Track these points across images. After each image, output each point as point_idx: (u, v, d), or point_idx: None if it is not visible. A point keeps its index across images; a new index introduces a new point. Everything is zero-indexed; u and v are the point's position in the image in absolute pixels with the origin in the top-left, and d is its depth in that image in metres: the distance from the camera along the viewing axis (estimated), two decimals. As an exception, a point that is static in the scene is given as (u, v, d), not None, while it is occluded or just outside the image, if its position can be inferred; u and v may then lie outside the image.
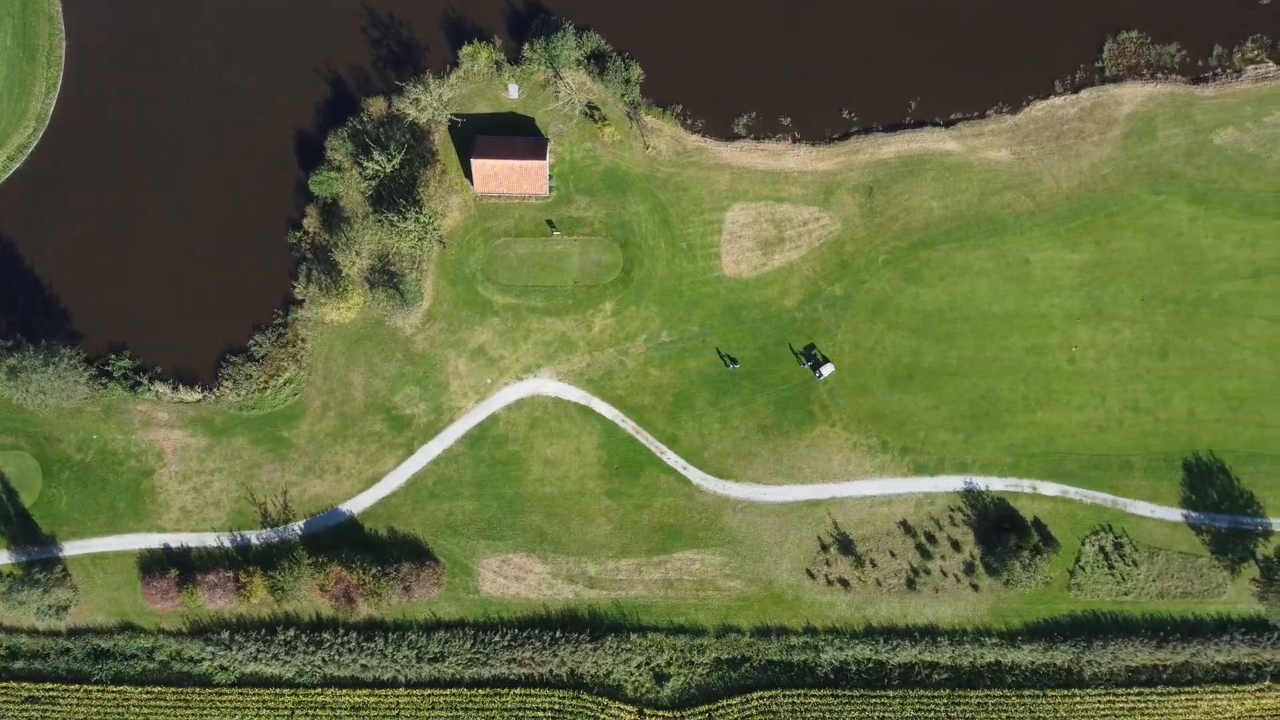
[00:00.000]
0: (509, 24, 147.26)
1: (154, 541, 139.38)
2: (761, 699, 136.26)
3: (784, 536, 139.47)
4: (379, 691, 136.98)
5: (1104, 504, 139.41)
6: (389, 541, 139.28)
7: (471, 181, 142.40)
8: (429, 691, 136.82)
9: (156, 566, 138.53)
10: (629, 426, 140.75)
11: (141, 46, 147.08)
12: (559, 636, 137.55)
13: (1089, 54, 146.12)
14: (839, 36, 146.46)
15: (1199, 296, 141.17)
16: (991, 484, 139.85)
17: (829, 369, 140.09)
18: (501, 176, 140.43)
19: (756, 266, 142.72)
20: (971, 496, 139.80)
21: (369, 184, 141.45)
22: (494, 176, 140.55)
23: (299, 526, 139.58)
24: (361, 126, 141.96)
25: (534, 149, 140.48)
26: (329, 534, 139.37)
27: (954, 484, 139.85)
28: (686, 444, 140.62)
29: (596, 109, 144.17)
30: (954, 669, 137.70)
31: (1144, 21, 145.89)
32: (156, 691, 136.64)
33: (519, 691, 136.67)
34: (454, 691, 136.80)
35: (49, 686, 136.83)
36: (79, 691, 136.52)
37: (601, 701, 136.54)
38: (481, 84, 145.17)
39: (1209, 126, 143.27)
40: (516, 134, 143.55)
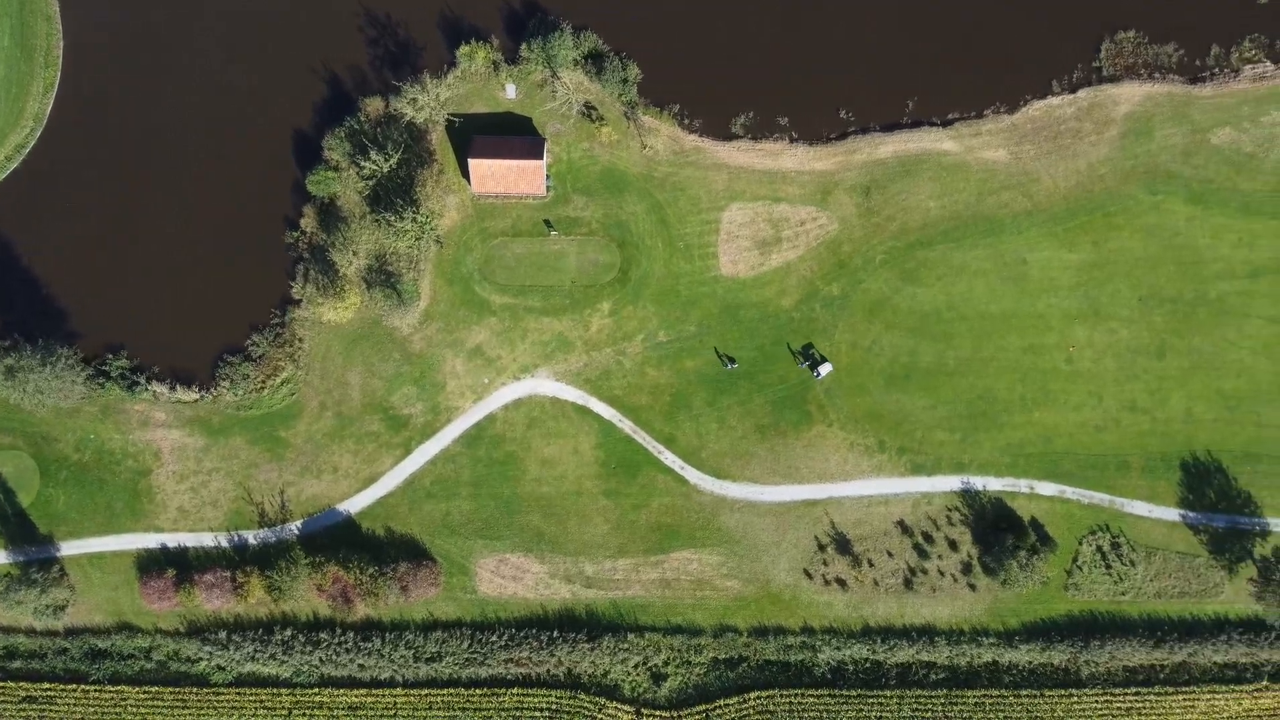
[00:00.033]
0: (506, 24, 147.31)
1: (151, 541, 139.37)
2: (759, 699, 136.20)
3: (781, 536, 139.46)
4: (376, 691, 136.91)
5: (1101, 504, 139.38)
6: (386, 541, 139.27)
7: (469, 181, 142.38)
8: (426, 691, 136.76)
9: (154, 566, 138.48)
10: (626, 426, 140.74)
11: (138, 46, 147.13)
12: (556, 636, 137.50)
13: (1086, 54, 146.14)
14: (836, 36, 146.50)
15: (1196, 296, 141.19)
16: (989, 484, 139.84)
17: (827, 368, 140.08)
18: (499, 176, 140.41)
19: (754, 266, 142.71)
20: (969, 496, 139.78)
21: (366, 184, 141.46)
22: (491, 176, 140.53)
23: (296, 526, 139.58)
24: (359, 126, 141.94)
25: (531, 149, 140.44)
26: (326, 534, 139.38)
27: (951, 484, 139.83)
28: (684, 444, 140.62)
29: (594, 109, 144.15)
30: (951, 669, 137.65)
31: (1141, 21, 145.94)
32: (154, 691, 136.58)
33: (516, 691, 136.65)
34: (451, 691, 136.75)
35: (46, 686, 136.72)
36: (76, 691, 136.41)
37: (599, 701, 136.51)
38: (479, 84, 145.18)
39: (1206, 126, 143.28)
40: (514, 134, 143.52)
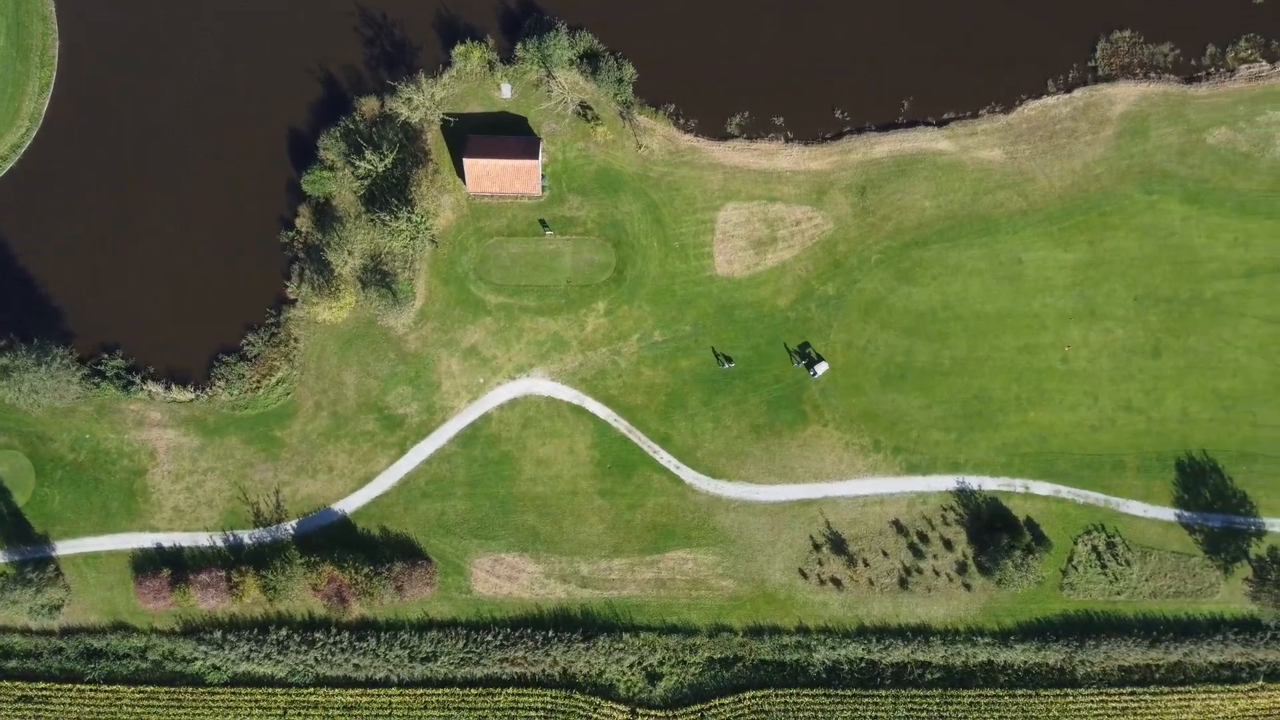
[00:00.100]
0: (502, 23, 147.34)
1: (146, 541, 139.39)
2: (754, 698, 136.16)
3: (776, 536, 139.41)
4: (371, 691, 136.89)
5: (1097, 503, 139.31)
6: (381, 541, 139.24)
7: (464, 181, 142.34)
8: (421, 691, 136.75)
9: (149, 566, 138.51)
10: (622, 426, 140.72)
11: (134, 46, 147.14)
12: (551, 636, 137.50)
13: (1082, 53, 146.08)
14: (832, 36, 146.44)
15: (1192, 296, 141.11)
16: (984, 483, 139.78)
17: (823, 367, 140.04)
18: (494, 176, 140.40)
19: (749, 266, 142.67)
20: (964, 496, 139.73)
21: (361, 183, 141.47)
22: (486, 176, 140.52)
23: (291, 526, 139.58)
24: (354, 126, 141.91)
25: (526, 148, 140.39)
26: (321, 533, 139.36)
27: (946, 483, 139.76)
28: (679, 443, 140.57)
29: (589, 108, 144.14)
30: (946, 668, 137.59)
31: (1137, 21, 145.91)
32: (149, 691, 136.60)
33: (511, 691, 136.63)
34: (446, 691, 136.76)
35: (42, 686, 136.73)
36: (72, 691, 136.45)
37: (594, 701, 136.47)
38: (474, 83, 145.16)
39: (1202, 126, 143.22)
40: (509, 133, 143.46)
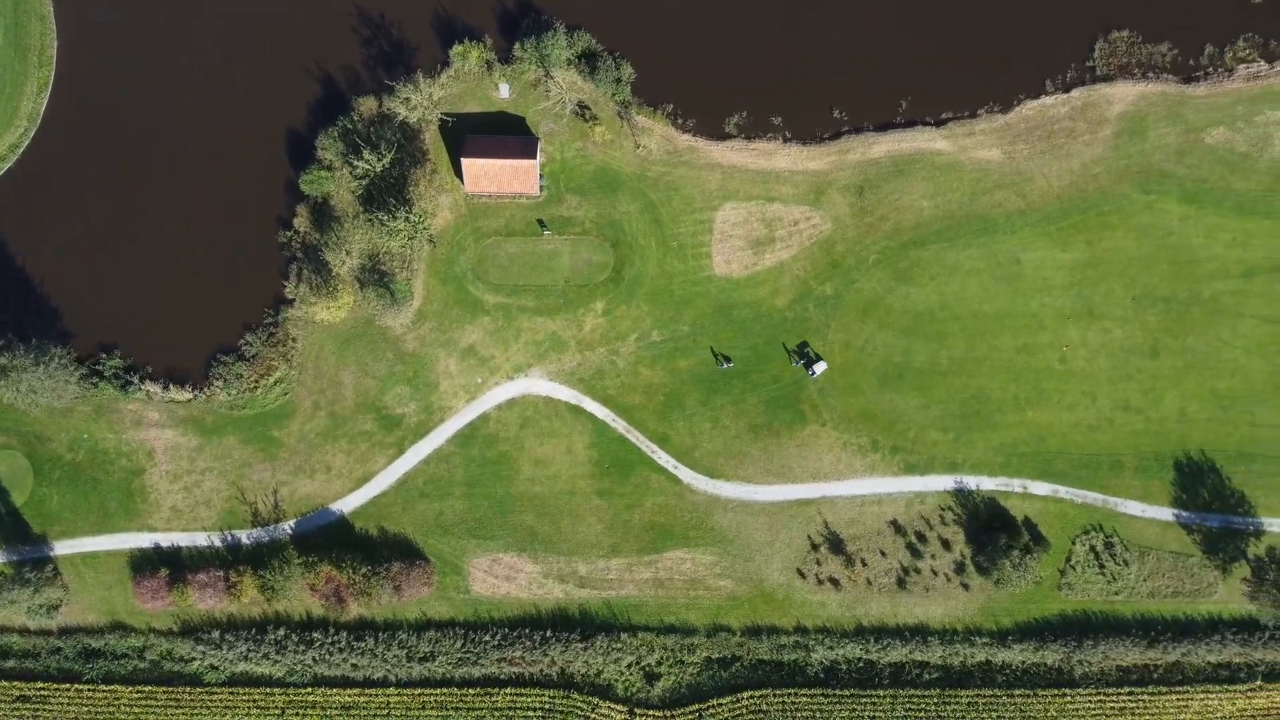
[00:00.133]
0: (500, 23, 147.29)
1: (145, 541, 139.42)
2: (752, 698, 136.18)
3: (774, 536, 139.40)
4: (369, 691, 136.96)
5: (1095, 503, 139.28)
6: (379, 541, 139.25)
7: (462, 181, 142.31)
8: (419, 691, 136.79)
9: (147, 566, 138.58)
10: (620, 426, 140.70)
11: (132, 46, 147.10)
12: (549, 636, 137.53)
13: (1080, 53, 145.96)
14: (830, 36, 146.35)
15: (1190, 296, 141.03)
16: (982, 483, 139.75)
17: (822, 366, 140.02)
18: (492, 176, 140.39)
19: (747, 266, 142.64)
20: (962, 496, 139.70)
21: (359, 183, 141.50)
22: (484, 176, 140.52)
23: (289, 526, 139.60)
24: (352, 126, 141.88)
25: (524, 148, 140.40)
26: (319, 533, 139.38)
27: (944, 483, 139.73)
28: (677, 443, 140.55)
29: (587, 108, 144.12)
30: (944, 668, 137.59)
31: (1135, 20, 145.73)
32: (147, 691, 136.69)
33: (509, 691, 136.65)
34: (444, 691, 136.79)
35: (40, 685, 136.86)
36: (70, 690, 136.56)
37: (592, 701, 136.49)
38: (472, 83, 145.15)
39: (1200, 126, 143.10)
40: (507, 133, 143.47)
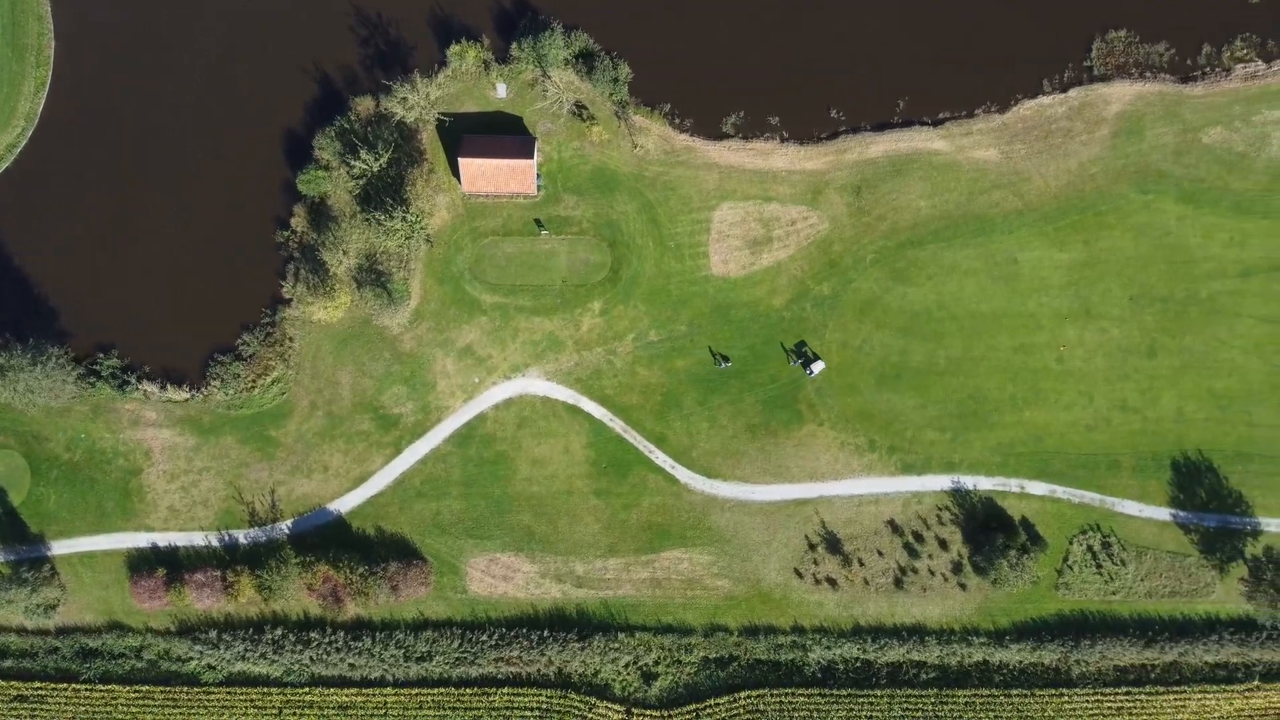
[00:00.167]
0: (497, 23, 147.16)
1: (142, 540, 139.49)
2: (749, 698, 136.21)
3: (772, 535, 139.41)
4: (366, 690, 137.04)
5: (1092, 503, 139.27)
6: (376, 541, 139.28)
7: (459, 180, 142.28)
8: (416, 690, 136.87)
9: (144, 565, 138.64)
10: (617, 426, 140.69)
11: (130, 46, 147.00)
12: (547, 636, 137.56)
13: (1078, 53, 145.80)
14: (828, 36, 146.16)
15: (1187, 295, 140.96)
16: (979, 483, 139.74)
17: (819, 365, 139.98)
18: (489, 175, 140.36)
19: (745, 266, 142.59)
20: (959, 496, 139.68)
21: (357, 183, 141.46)
22: (482, 175, 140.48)
23: (286, 526, 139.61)
24: (349, 126, 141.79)
25: (522, 148, 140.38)
26: (316, 533, 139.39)
27: (942, 483, 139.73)
28: (674, 443, 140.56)
29: (584, 108, 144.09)
30: (941, 668, 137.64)
31: (1133, 20, 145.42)
32: (144, 690, 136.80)
33: (507, 691, 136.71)
34: (441, 690, 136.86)
35: (37, 685, 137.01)
36: (67, 690, 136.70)
37: (589, 701, 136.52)
38: (469, 83, 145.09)
39: (1198, 125, 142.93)
40: (504, 133, 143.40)
